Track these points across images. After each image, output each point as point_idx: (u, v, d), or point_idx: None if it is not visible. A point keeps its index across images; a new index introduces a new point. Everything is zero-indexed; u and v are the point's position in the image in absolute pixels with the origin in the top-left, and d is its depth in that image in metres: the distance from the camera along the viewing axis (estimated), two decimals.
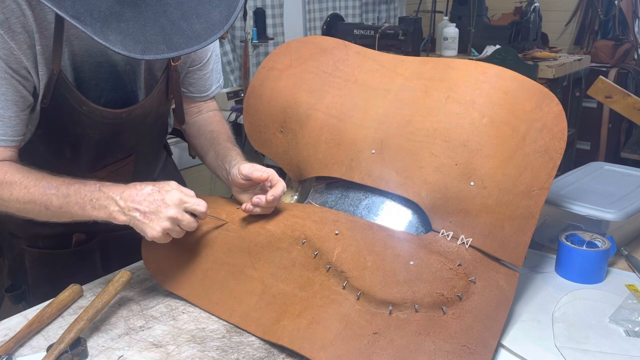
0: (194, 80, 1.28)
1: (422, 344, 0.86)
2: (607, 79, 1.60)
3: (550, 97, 1.01)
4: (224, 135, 1.27)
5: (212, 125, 1.30)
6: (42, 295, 1.15)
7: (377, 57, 1.18)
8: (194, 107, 1.33)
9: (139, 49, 0.81)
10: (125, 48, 0.81)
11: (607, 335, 0.94)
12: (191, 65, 1.25)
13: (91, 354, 0.92)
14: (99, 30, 0.80)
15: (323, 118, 1.13)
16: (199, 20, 0.85)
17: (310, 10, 3.76)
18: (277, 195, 1.04)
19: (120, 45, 0.80)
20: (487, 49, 3.42)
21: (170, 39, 0.83)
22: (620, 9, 3.81)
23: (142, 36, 0.82)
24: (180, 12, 0.84)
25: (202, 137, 1.29)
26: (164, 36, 0.83)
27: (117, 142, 1.16)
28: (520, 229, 0.95)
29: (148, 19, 0.82)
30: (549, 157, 0.97)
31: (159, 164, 1.38)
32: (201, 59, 1.25)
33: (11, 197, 0.99)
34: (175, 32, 0.83)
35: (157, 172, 1.38)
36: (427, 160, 0.99)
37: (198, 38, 0.85)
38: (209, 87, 1.31)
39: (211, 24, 0.86)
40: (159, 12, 0.82)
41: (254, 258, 1.04)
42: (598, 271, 1.10)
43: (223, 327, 0.99)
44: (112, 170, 1.18)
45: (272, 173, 1.07)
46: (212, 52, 1.27)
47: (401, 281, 0.92)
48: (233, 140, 1.26)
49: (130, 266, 1.20)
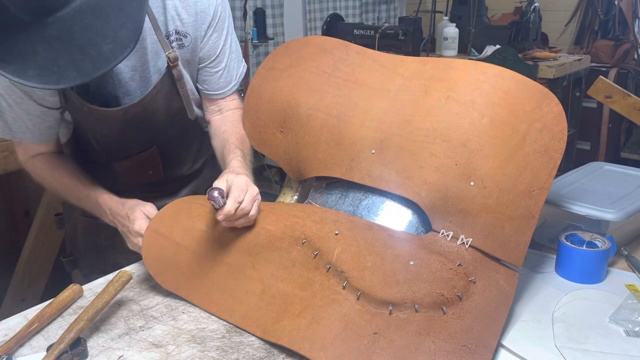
0: (206, 78, 1.28)
1: (422, 344, 0.87)
2: (607, 79, 1.60)
3: (550, 97, 1.01)
4: (234, 136, 1.26)
5: (226, 126, 1.29)
6: (89, 263, 1.40)
7: (377, 57, 1.18)
8: (214, 105, 1.32)
9: (54, 79, 0.87)
10: (42, 81, 0.87)
11: (607, 335, 0.94)
12: (200, 63, 1.25)
13: (91, 354, 0.92)
14: (20, 68, 0.87)
15: (323, 118, 1.13)
16: (106, 41, 0.88)
17: (310, 10, 3.76)
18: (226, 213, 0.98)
19: (38, 78, 0.87)
20: (487, 49, 3.42)
21: (80, 65, 0.87)
22: (620, 9, 3.82)
23: (55, 67, 0.87)
24: (86, 37, 0.87)
25: (216, 139, 1.30)
26: (74, 64, 0.87)
27: (130, 137, 1.23)
28: (520, 229, 0.95)
29: (58, 50, 0.87)
30: (549, 157, 0.97)
31: (198, 156, 1.41)
32: (210, 56, 1.25)
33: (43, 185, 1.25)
34: (84, 58, 0.87)
35: (199, 163, 1.42)
36: (427, 160, 0.99)
37: (107, 60, 0.88)
38: (224, 85, 1.30)
39: (119, 43, 0.89)
40: (67, 41, 0.86)
41: (254, 258, 1.04)
42: (598, 271, 1.10)
43: (223, 327, 0.99)
44: (135, 161, 1.28)
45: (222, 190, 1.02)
46: (221, 49, 1.25)
47: (401, 281, 0.92)
48: (242, 143, 1.25)
49: (130, 266, 1.20)
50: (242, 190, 1.02)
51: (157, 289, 1.11)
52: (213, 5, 1.20)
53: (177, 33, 1.17)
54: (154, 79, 1.19)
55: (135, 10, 0.89)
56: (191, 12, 1.17)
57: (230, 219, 1.00)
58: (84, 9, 0.85)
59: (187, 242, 1.07)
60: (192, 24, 1.18)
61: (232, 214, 0.99)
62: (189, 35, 1.19)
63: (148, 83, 1.19)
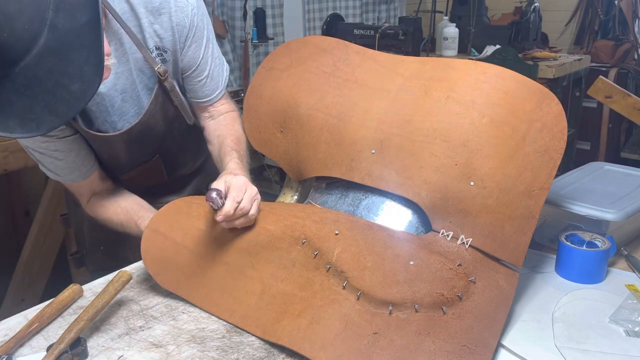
0: (192, 87, 1.27)
1: (422, 344, 0.87)
2: (607, 79, 1.60)
3: (550, 97, 1.01)
4: (229, 138, 1.26)
5: (220, 130, 1.30)
6: (96, 261, 1.42)
7: (377, 57, 1.18)
8: (205, 112, 1.32)
9: (34, 126, 0.89)
10: (23, 130, 0.89)
11: (607, 335, 0.94)
12: (183, 73, 1.25)
13: (91, 353, 0.92)
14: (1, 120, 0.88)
15: (323, 118, 1.13)
16: (73, 81, 0.88)
17: (310, 10, 3.76)
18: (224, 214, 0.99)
19: (20, 128, 0.89)
20: (487, 49, 3.42)
21: (54, 109, 0.88)
22: (620, 9, 3.81)
23: (32, 114, 0.88)
24: (53, 80, 0.87)
25: (212, 143, 1.31)
26: (48, 108, 0.88)
27: (135, 152, 1.26)
28: (520, 229, 0.95)
29: (31, 97, 0.87)
30: (549, 157, 0.97)
31: (198, 154, 1.43)
32: (191, 66, 1.23)
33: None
34: (56, 102, 0.88)
35: (200, 161, 1.45)
36: (427, 160, 0.99)
37: (78, 99, 0.89)
38: (210, 92, 1.29)
39: (85, 80, 0.89)
40: (36, 87, 0.87)
41: (253, 258, 1.04)
42: (598, 271, 1.10)
43: (223, 327, 0.99)
44: (141, 170, 1.31)
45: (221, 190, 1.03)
46: (202, 58, 1.24)
47: (401, 281, 0.92)
48: (238, 144, 1.26)
49: (130, 266, 1.20)
50: (241, 190, 1.02)
51: (157, 289, 1.11)
52: (189, 16, 1.17)
53: (158, 49, 1.17)
54: (143, 95, 1.20)
55: (95, 44, 0.89)
56: (166, 27, 1.16)
57: (229, 220, 1.00)
58: (45, 53, 0.85)
59: (186, 241, 1.07)
60: (169, 39, 1.17)
61: (231, 215, 0.99)
62: (168, 50, 1.18)
63: (140, 101, 1.20)
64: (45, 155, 1.16)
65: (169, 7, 1.15)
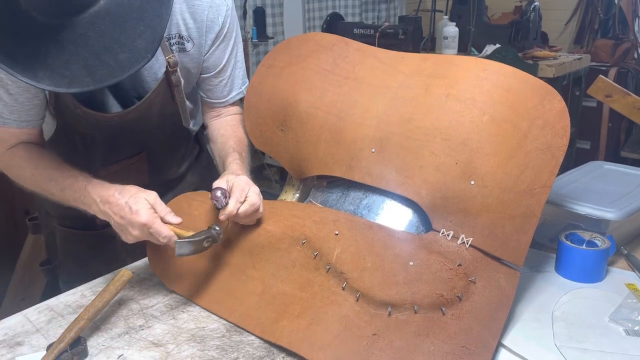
0: (210, 87, 1.27)
1: (421, 345, 0.86)
2: (607, 78, 1.60)
3: (552, 94, 1.00)
4: (232, 140, 1.25)
5: (224, 130, 1.29)
6: (69, 272, 1.31)
7: (377, 53, 1.18)
8: (213, 111, 1.32)
9: (65, 83, 0.86)
10: (52, 83, 0.86)
11: (606, 334, 0.94)
12: (204, 73, 1.24)
13: (91, 353, 0.92)
14: (29, 68, 0.85)
15: (323, 116, 1.13)
16: (122, 49, 0.87)
17: (310, 9, 3.76)
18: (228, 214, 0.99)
19: (49, 80, 0.86)
20: (487, 48, 3.42)
21: (93, 71, 0.86)
22: (620, 8, 3.81)
23: (67, 71, 0.86)
24: (102, 43, 0.86)
25: (215, 143, 1.30)
26: (87, 69, 0.86)
27: (121, 141, 1.21)
28: (521, 228, 0.95)
29: (71, 54, 0.86)
30: (551, 154, 0.96)
31: (183, 159, 1.39)
32: (215, 67, 1.23)
33: (20, 180, 1.11)
34: (98, 65, 0.86)
35: (183, 167, 1.39)
36: (427, 159, 0.99)
37: (122, 68, 0.87)
38: (226, 94, 1.29)
39: (135, 52, 0.87)
40: (81, 45, 0.85)
41: (254, 258, 1.04)
42: (598, 270, 1.10)
43: (223, 326, 0.99)
44: (124, 166, 1.24)
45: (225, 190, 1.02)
46: (227, 60, 1.24)
47: (400, 282, 0.91)
48: (240, 145, 1.25)
49: (130, 265, 1.20)
50: (244, 190, 1.02)
51: (157, 288, 1.11)
52: (222, 15, 1.18)
53: (180, 37, 1.16)
54: (148, 81, 1.18)
55: (156, 21, 0.88)
56: (198, 19, 1.16)
57: (232, 219, 1.01)
58: (102, 14, 0.84)
59: None
60: (197, 31, 1.17)
61: (234, 214, 1.00)
62: (192, 40, 1.17)
63: (143, 85, 1.18)
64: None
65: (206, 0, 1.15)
